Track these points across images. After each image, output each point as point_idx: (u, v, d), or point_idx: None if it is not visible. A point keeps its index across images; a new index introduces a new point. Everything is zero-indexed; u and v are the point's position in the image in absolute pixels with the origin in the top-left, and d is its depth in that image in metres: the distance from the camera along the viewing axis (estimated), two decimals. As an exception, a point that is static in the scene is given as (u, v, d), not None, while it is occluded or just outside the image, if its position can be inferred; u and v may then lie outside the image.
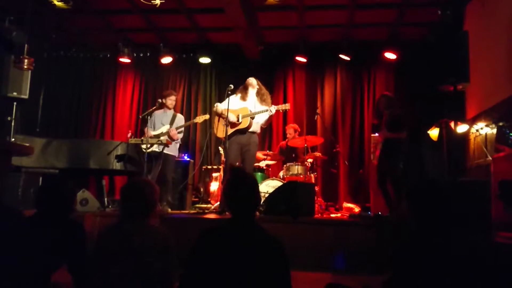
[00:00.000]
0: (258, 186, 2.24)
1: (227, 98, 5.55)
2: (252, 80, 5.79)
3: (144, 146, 5.67)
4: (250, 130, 5.62)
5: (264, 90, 5.82)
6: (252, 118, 5.58)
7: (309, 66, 8.33)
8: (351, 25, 7.51)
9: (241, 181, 2.16)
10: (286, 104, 5.72)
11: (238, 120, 5.51)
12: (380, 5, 6.87)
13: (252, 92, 5.75)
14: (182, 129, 6.25)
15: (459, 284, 1.90)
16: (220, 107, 5.74)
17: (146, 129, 5.92)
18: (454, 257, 1.95)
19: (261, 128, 5.87)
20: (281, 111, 5.74)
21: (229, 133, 5.49)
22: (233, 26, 7.21)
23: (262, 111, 5.58)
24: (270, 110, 5.55)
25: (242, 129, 5.55)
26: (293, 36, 8.04)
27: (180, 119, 6.35)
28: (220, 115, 5.72)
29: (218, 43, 8.37)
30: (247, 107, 5.64)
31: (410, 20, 7.27)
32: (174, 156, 6.21)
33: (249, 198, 2.12)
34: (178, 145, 6.28)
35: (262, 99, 5.75)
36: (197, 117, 6.47)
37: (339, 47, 7.83)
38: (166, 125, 6.15)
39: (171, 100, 6.31)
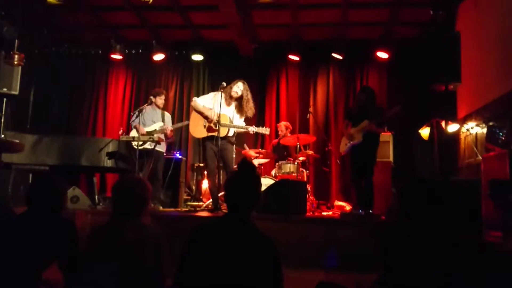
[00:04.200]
0: (261, 185, 2.19)
1: (209, 94, 5.47)
2: (237, 88, 5.51)
3: (135, 143, 5.64)
4: (228, 135, 5.50)
5: (247, 99, 5.54)
6: (230, 128, 5.46)
7: (302, 65, 8.34)
8: (344, 24, 7.53)
9: (247, 176, 2.12)
10: (266, 129, 5.55)
11: (216, 127, 5.31)
12: (373, 4, 6.90)
13: (234, 97, 5.56)
14: (177, 126, 6.23)
15: (450, 282, 1.92)
16: (199, 102, 5.54)
17: (137, 125, 5.87)
18: (445, 255, 1.96)
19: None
20: (259, 133, 5.60)
21: (204, 135, 5.44)
22: (227, 23, 7.19)
23: (241, 127, 5.46)
24: (249, 130, 5.44)
25: (220, 136, 5.33)
26: (286, 34, 8.04)
27: (169, 117, 6.37)
28: (199, 113, 5.52)
29: (211, 40, 8.34)
30: (227, 115, 5.46)
31: (402, 19, 7.31)
32: (163, 153, 6.20)
33: (250, 194, 2.08)
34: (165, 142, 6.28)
35: (241, 108, 5.53)
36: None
37: (332, 45, 7.84)
38: (157, 122, 6.12)
39: (162, 100, 6.28)
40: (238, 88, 5.52)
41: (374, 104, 5.33)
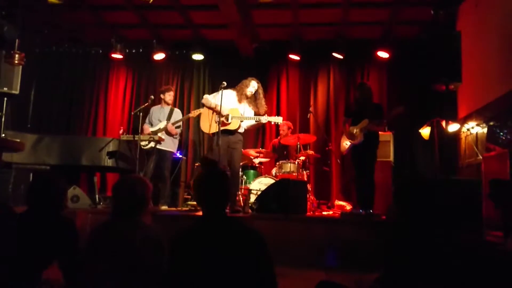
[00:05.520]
0: (228, 180, 2.20)
1: (220, 92, 5.46)
2: (252, 87, 5.54)
3: (143, 143, 5.64)
4: (238, 131, 5.54)
5: (261, 96, 5.60)
6: (242, 121, 5.49)
7: (302, 64, 8.33)
8: (345, 23, 7.53)
9: (213, 174, 2.13)
10: (279, 117, 5.54)
11: (227, 120, 5.36)
12: (374, 3, 6.90)
13: (248, 96, 5.59)
14: (180, 123, 6.18)
15: (449, 282, 1.92)
16: (210, 100, 5.53)
17: (145, 126, 5.86)
18: (445, 255, 1.96)
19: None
20: (272, 123, 5.61)
21: (216, 130, 5.41)
22: (227, 23, 7.19)
23: (253, 118, 5.46)
24: (261, 120, 5.44)
25: (230, 130, 5.41)
26: (287, 34, 8.03)
27: (178, 113, 6.30)
28: (211, 108, 5.49)
29: (212, 40, 8.34)
30: (238, 109, 5.49)
31: (403, 19, 7.30)
32: (172, 152, 6.15)
33: (220, 191, 2.09)
34: (176, 140, 6.22)
35: (256, 104, 5.56)
36: (192, 112, 6.34)
37: (332, 45, 7.83)
38: (163, 121, 6.10)
39: (170, 96, 6.26)
40: (254, 88, 5.55)
41: (371, 101, 5.35)
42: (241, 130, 5.56)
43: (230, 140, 5.43)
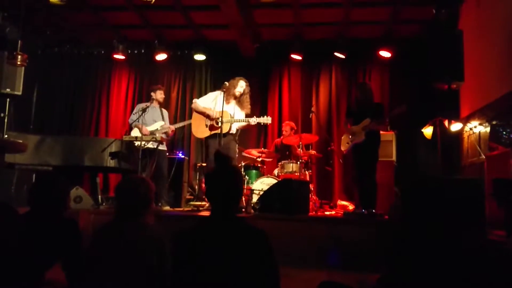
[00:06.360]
0: (241, 176, 2.15)
1: (209, 94, 5.47)
2: (241, 87, 5.62)
3: (138, 143, 5.64)
4: (230, 132, 5.57)
5: (246, 95, 5.69)
6: (232, 123, 5.53)
7: (304, 64, 8.33)
8: (347, 22, 7.52)
9: (225, 169, 2.09)
10: (267, 118, 5.56)
11: (217, 124, 5.39)
12: (375, 3, 6.89)
13: (237, 96, 5.66)
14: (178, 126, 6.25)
15: (452, 281, 1.91)
16: (199, 104, 5.63)
17: (139, 125, 5.86)
18: (447, 254, 1.96)
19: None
20: (262, 124, 5.65)
21: (208, 134, 5.50)
22: (229, 23, 7.19)
23: (243, 120, 5.53)
24: (250, 122, 5.49)
25: (222, 133, 5.42)
26: (288, 34, 8.03)
27: (166, 114, 6.39)
28: (200, 113, 5.58)
29: (213, 40, 8.34)
30: (228, 111, 5.51)
31: (405, 18, 7.29)
32: (166, 151, 6.22)
33: (231, 187, 2.04)
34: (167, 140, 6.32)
35: (241, 104, 5.66)
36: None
37: (334, 44, 7.83)
38: (158, 121, 6.12)
39: (161, 94, 6.30)
40: (242, 87, 5.62)
41: (372, 100, 5.36)
42: (233, 131, 5.61)
43: (223, 142, 5.45)
